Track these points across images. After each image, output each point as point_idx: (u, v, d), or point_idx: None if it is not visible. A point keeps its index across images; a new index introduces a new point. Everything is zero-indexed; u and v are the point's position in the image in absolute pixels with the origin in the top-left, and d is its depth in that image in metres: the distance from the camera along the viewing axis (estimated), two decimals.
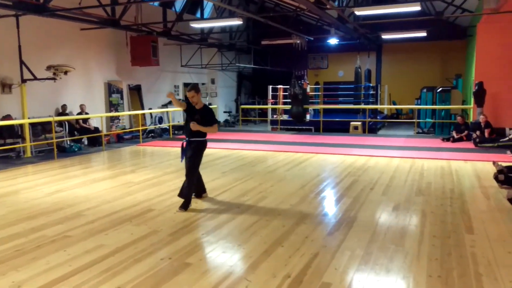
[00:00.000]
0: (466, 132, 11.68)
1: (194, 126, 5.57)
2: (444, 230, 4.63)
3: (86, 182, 7.33)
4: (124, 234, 4.63)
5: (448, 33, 18.08)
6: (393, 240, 4.36)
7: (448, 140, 11.77)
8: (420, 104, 15.95)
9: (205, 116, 5.70)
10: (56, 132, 10.85)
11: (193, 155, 5.68)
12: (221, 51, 19.41)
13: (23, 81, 10.44)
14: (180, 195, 5.74)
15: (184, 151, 5.83)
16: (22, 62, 10.33)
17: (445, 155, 9.61)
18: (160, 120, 16.01)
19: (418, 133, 14.85)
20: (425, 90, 15.74)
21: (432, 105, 14.96)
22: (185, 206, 5.54)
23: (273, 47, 19.26)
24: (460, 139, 11.59)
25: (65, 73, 10.92)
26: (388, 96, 20.07)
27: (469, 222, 4.92)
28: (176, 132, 15.55)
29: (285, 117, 16.99)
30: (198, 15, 16.04)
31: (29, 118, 10.54)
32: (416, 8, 9.88)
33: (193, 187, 5.77)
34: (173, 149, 11.31)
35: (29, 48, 10.64)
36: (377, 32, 15.85)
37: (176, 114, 17.33)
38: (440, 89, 15.04)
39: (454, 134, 11.82)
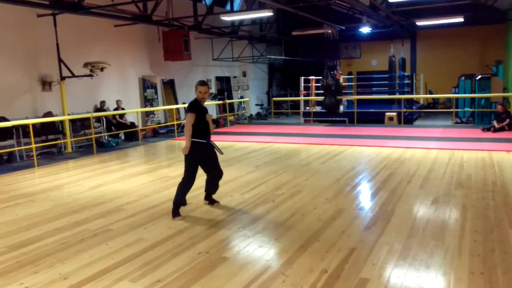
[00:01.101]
0: (507, 121, 11.24)
1: (209, 117, 5.36)
2: (486, 225, 4.49)
3: (125, 177, 7.52)
4: (162, 228, 4.74)
5: (487, 18, 17.33)
6: (432, 235, 4.27)
7: (488, 130, 11.36)
8: (458, 93, 15.44)
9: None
10: (94, 127, 11.17)
11: (212, 154, 5.48)
12: (252, 43, 19.39)
13: (62, 78, 10.78)
14: (212, 193, 5.65)
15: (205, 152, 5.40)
16: (60, 60, 10.66)
17: (486, 145, 9.29)
18: None
19: (456, 123, 14.40)
20: (463, 78, 15.22)
21: (471, 93, 14.46)
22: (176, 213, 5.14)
23: (304, 38, 19.06)
24: (501, 129, 11.16)
25: (102, 69, 11.19)
26: (424, 85, 19.52)
27: None
28: None
29: (318, 108, 16.84)
30: (228, 7, 16.06)
31: (68, 115, 10.89)
32: None
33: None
34: None
35: (66, 46, 10.96)
36: (411, 19, 15.40)
37: (209, 108, 17.44)
38: (480, 76, 14.51)
39: (495, 123, 11.40)
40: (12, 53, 10.24)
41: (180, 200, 5.17)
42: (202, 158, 5.32)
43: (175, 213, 5.10)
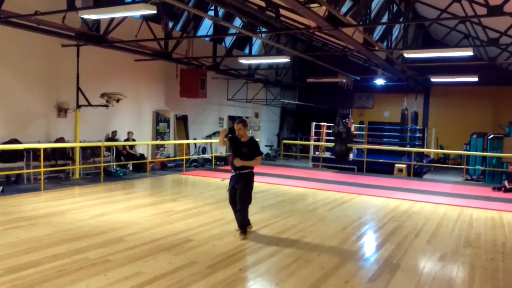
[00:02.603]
0: None
1: (237, 162, 5.83)
2: (494, 287, 4.34)
3: (129, 208, 7.48)
4: (162, 263, 4.65)
5: (501, 79, 17.52)
6: None
7: (499, 189, 11.20)
8: (469, 150, 15.37)
9: (252, 148, 5.93)
10: (104, 156, 11.25)
11: (243, 186, 5.89)
12: (267, 86, 19.73)
13: (78, 106, 10.99)
14: (240, 227, 5.97)
15: (233, 182, 5.98)
16: (78, 89, 10.91)
17: (496, 205, 9.13)
18: (204, 150, 16.29)
19: (467, 180, 14.25)
20: (475, 136, 15.19)
21: (483, 151, 14.38)
22: (245, 231, 5.91)
23: (318, 85, 19.37)
24: None
25: (118, 101, 11.41)
26: (435, 139, 19.51)
27: None
28: (218, 163, 15.71)
29: (327, 154, 16.83)
30: (247, 51, 16.47)
31: (80, 142, 11.01)
32: (468, 53, 9.69)
33: (247, 214, 6.01)
34: (214, 180, 11.40)
35: (86, 75, 11.24)
36: (426, 74, 15.63)
37: (219, 146, 17.58)
38: (492, 135, 14.48)
39: (506, 183, 11.24)
40: (33, 79, 10.52)
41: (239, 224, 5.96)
42: (230, 186, 6.00)
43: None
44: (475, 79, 14.40)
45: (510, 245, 6.01)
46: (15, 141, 9.77)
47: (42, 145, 9.53)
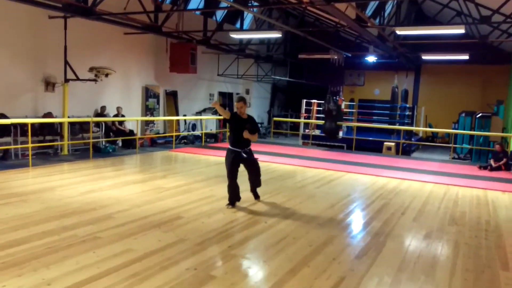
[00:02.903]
0: (504, 160, 11.27)
1: (246, 134, 6.16)
2: (478, 264, 4.46)
3: (118, 184, 7.48)
4: (152, 240, 4.69)
5: (491, 58, 17.56)
6: (423, 270, 4.23)
7: (485, 168, 11.38)
8: (457, 129, 15.53)
9: (252, 124, 6.33)
10: (93, 132, 11.15)
11: (255, 159, 6.50)
12: (258, 62, 19.55)
13: (66, 80, 10.81)
14: (256, 195, 6.75)
15: (240, 160, 6.33)
16: (66, 63, 10.71)
17: (481, 184, 9.29)
18: (194, 127, 16.22)
19: (454, 158, 14.44)
20: (463, 115, 15.33)
21: (471, 130, 14.54)
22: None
23: (309, 61, 19.27)
24: (498, 168, 11.18)
25: (106, 75, 11.25)
26: (425, 118, 19.63)
27: (505, 258, 4.72)
28: (208, 140, 15.69)
29: (317, 132, 16.89)
30: (238, 25, 16.24)
31: (68, 117, 10.88)
32: (460, 30, 9.67)
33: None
34: (204, 157, 11.41)
35: (74, 49, 11.02)
36: (417, 52, 15.61)
37: (209, 122, 17.52)
38: (480, 114, 14.62)
39: (492, 162, 11.42)
40: (19, 51, 10.29)
41: (231, 198, 6.30)
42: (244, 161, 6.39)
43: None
44: (465, 57, 14.43)
45: (494, 223, 6.15)
46: (1, 115, 9.61)
47: (29, 120, 9.41)
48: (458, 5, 13.15)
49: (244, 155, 6.30)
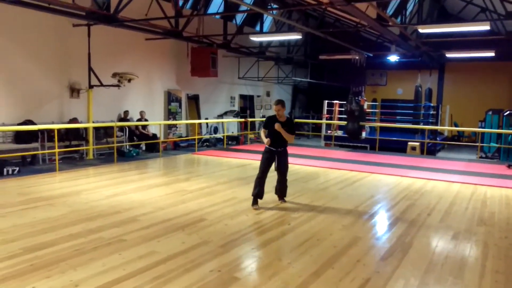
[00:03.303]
0: None
1: (278, 126, 6.32)
2: (508, 266, 4.32)
3: (142, 188, 7.57)
4: (176, 242, 4.72)
5: None
6: (451, 271, 4.13)
7: None
8: (484, 127, 15.14)
9: (289, 126, 6.52)
10: (117, 136, 11.34)
11: (286, 160, 6.72)
12: (278, 64, 19.54)
13: (90, 87, 11.04)
14: (283, 195, 6.85)
15: (273, 158, 6.62)
16: (90, 69, 10.94)
17: (510, 183, 9.03)
18: (216, 130, 16.32)
19: (481, 157, 14.09)
20: (490, 113, 14.94)
21: (498, 128, 14.16)
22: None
23: (330, 62, 19.14)
24: None
25: (129, 80, 11.42)
26: (450, 117, 19.23)
27: None
28: (229, 142, 15.74)
29: (339, 133, 16.74)
30: (258, 28, 16.26)
31: (93, 122, 11.10)
32: (485, 27, 9.44)
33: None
34: (226, 159, 11.46)
35: (97, 55, 11.25)
36: (440, 50, 15.31)
37: (231, 125, 17.60)
38: (508, 112, 14.22)
39: None
40: (45, 60, 10.56)
41: (255, 191, 6.43)
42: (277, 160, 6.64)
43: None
44: (491, 54, 14.08)
45: None
46: (29, 122, 9.89)
47: (56, 126, 9.63)
48: (482, 1, 12.85)
49: (279, 149, 6.57)
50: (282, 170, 6.67)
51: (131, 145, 12.23)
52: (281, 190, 6.82)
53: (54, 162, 9.43)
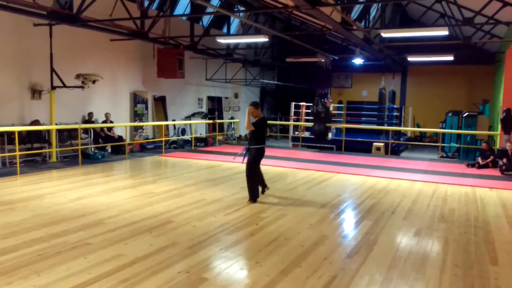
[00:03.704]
0: (491, 158, 11.42)
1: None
2: (467, 260, 4.52)
3: (108, 190, 7.43)
4: (143, 244, 4.67)
5: (476, 58, 17.85)
6: (413, 267, 4.27)
7: (473, 166, 11.52)
8: (444, 128, 15.71)
9: (257, 124, 7.05)
10: (81, 139, 11.07)
11: (249, 157, 7.04)
12: (246, 66, 19.61)
13: (53, 88, 10.73)
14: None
15: (244, 155, 7.20)
16: (52, 70, 10.64)
17: (469, 181, 9.41)
18: (183, 131, 16.19)
19: (442, 157, 14.60)
20: (450, 114, 15.52)
21: (458, 129, 14.72)
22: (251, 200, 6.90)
23: (297, 65, 19.37)
24: (485, 166, 11.33)
25: (93, 82, 11.19)
26: (412, 118, 19.85)
27: (494, 253, 4.78)
28: (198, 144, 15.66)
29: (306, 134, 16.96)
30: (225, 30, 16.27)
31: (56, 124, 10.79)
32: (444, 32, 9.81)
33: (252, 183, 6.98)
34: (194, 161, 11.39)
35: (60, 56, 10.95)
36: (403, 54, 15.79)
37: (199, 127, 17.50)
38: (466, 113, 14.82)
39: (479, 160, 11.58)
40: (4, 59, 10.20)
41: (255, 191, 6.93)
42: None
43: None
44: (450, 58, 14.62)
45: (482, 220, 6.23)
46: None
47: (16, 128, 9.31)
48: (441, 7, 13.34)
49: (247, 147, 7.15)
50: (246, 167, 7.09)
51: (96, 147, 11.97)
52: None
53: (15, 165, 9.12)
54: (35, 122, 10.60)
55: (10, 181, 8.14)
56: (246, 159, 7.09)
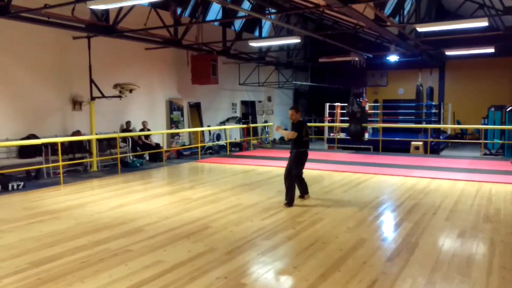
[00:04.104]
0: None
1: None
2: None
3: (147, 198, 7.59)
4: (181, 250, 4.73)
5: None
6: (458, 269, 4.11)
7: None
8: (487, 124, 15.10)
9: (293, 126, 7.05)
10: (120, 147, 11.37)
11: (290, 163, 7.05)
12: (279, 69, 19.59)
13: (92, 98, 11.10)
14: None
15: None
16: (92, 81, 11.01)
17: None
18: (218, 137, 16.35)
19: (485, 154, 14.04)
20: (493, 109, 14.90)
21: (501, 125, 14.11)
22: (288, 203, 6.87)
23: (330, 64, 19.14)
24: None
25: (130, 91, 11.48)
26: (452, 115, 19.19)
27: None
28: (232, 149, 15.76)
29: (342, 135, 16.73)
30: (257, 33, 16.32)
31: (96, 134, 11.14)
32: (484, 23, 9.44)
33: (291, 187, 6.94)
34: (230, 166, 11.47)
35: (98, 67, 11.32)
36: (440, 48, 15.29)
37: (233, 132, 17.62)
38: (510, 108, 14.18)
39: None
40: (46, 73, 10.64)
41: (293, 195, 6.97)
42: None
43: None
44: (491, 50, 14.05)
45: None
46: (33, 136, 9.94)
47: (59, 139, 9.67)
48: None
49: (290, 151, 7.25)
50: (287, 170, 7.09)
51: (134, 155, 12.26)
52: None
53: (59, 175, 9.47)
54: (77, 133, 10.98)
55: (54, 190, 8.46)
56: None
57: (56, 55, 10.84)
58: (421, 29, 10.71)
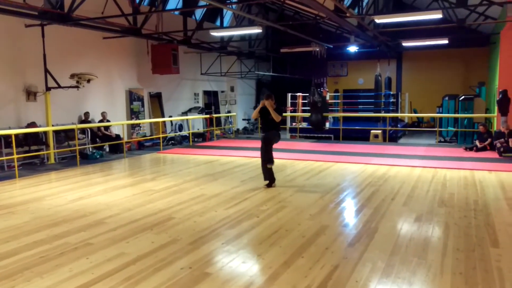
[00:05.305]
0: (489, 141, 11.44)
1: (268, 103, 7.60)
2: (468, 243, 4.53)
3: (108, 190, 7.43)
4: (144, 242, 4.67)
5: (471, 41, 17.81)
6: (415, 252, 4.29)
7: (471, 149, 11.55)
8: (442, 112, 15.70)
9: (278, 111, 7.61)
10: (78, 139, 11.05)
11: (262, 145, 7.63)
12: (241, 59, 19.53)
13: (48, 89, 10.68)
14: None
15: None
16: (46, 71, 10.58)
17: (468, 165, 9.43)
18: (180, 127, 16.16)
19: (440, 142, 14.62)
20: (447, 98, 15.50)
21: (455, 113, 14.72)
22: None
23: (292, 55, 19.29)
24: (483, 149, 11.36)
25: (88, 81, 11.13)
26: (409, 104, 19.84)
27: (494, 235, 4.80)
28: (196, 139, 15.64)
29: (304, 125, 16.95)
30: (218, 23, 16.18)
31: (53, 126, 10.76)
32: (438, 15, 9.77)
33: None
34: (193, 157, 11.39)
35: (53, 56, 10.89)
36: (398, 39, 15.70)
37: (196, 122, 17.47)
38: (463, 97, 14.80)
39: (477, 143, 11.60)
40: None
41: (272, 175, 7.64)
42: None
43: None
44: (445, 41, 14.58)
45: (482, 203, 6.25)
46: None
47: (13, 131, 9.28)
48: None
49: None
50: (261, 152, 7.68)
51: (94, 147, 11.95)
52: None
53: (13, 168, 9.10)
54: (32, 124, 10.56)
55: (9, 184, 8.13)
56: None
57: (8, 44, 10.34)
58: (379, 20, 10.94)
